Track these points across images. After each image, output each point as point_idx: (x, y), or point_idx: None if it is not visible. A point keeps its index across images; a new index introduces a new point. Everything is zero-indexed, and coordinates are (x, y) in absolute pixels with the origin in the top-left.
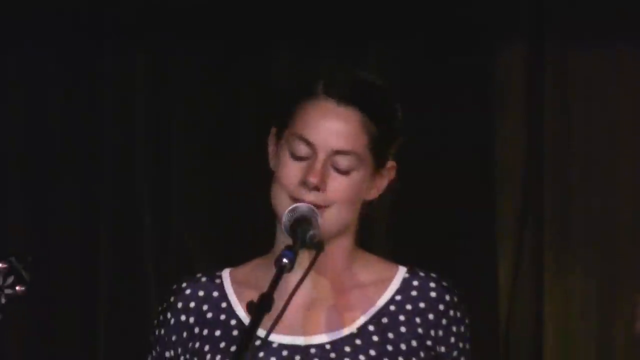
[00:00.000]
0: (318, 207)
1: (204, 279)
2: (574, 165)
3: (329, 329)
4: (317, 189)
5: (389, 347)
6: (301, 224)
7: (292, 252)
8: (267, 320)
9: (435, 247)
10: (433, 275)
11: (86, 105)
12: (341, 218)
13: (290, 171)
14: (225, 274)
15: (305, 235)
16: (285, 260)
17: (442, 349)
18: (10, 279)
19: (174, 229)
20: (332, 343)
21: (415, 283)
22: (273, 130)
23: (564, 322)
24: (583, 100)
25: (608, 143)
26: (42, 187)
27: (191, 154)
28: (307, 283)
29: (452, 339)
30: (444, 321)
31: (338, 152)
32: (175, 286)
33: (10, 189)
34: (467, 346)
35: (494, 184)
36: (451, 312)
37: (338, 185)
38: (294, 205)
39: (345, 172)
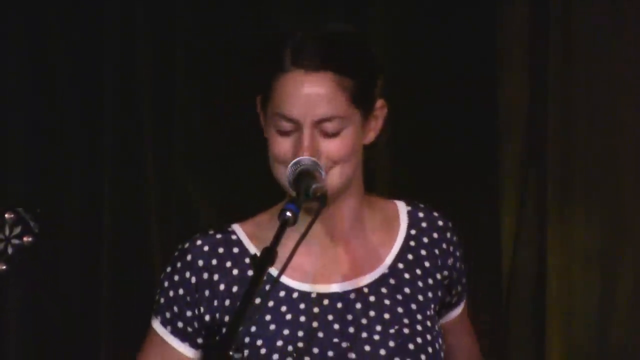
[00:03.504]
0: None
1: (218, 236)
2: (578, 119)
3: (362, 273)
4: (311, 157)
5: (420, 283)
6: (304, 178)
7: (295, 205)
8: (293, 272)
9: (437, 202)
10: (429, 206)
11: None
12: (344, 175)
13: (281, 147)
14: (238, 229)
15: (309, 188)
16: (288, 213)
17: (454, 274)
18: (18, 230)
19: (177, 182)
20: (368, 286)
21: (420, 215)
22: (258, 98)
23: (567, 274)
24: (587, 51)
25: (613, 96)
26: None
27: (195, 106)
28: (325, 236)
29: (458, 264)
30: (451, 248)
31: (321, 120)
32: (187, 244)
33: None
34: (464, 266)
35: (496, 137)
36: (455, 238)
37: (332, 149)
38: (297, 158)
39: (334, 134)
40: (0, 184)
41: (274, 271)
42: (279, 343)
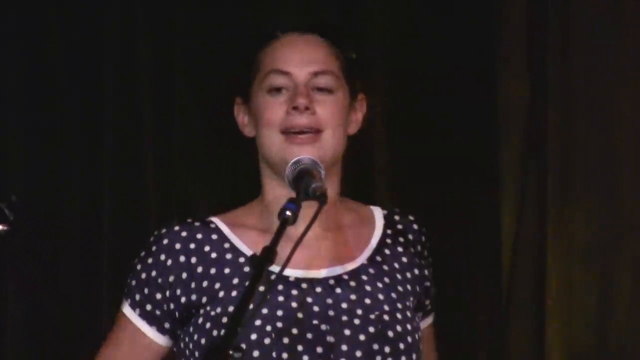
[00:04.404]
0: (313, 131)
1: (197, 223)
2: (578, 112)
3: (343, 261)
4: (307, 109)
5: (399, 276)
6: (304, 176)
7: (295, 204)
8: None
9: (436, 198)
10: (403, 211)
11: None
12: (335, 143)
13: (273, 106)
14: (216, 219)
15: (309, 187)
16: (288, 212)
17: (429, 275)
18: None
19: (177, 182)
20: (348, 274)
21: (396, 218)
22: (237, 100)
23: (567, 274)
24: (587, 44)
25: (612, 89)
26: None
27: (195, 106)
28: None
29: (428, 271)
30: (426, 252)
31: (316, 73)
32: (164, 230)
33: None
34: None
35: (495, 131)
36: (428, 244)
37: (326, 107)
38: (297, 157)
39: (329, 91)
40: (0, 183)
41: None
42: (257, 322)
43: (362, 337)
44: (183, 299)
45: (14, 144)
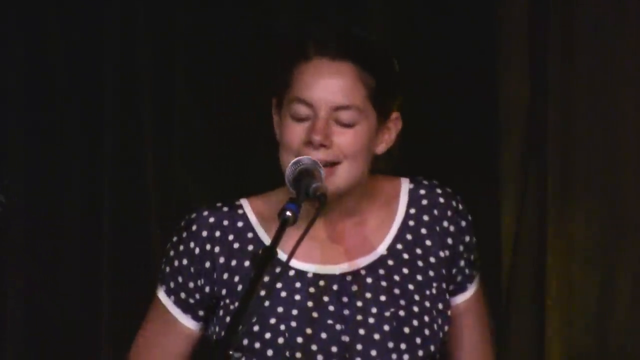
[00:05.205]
0: (328, 164)
1: (225, 208)
2: (578, 112)
3: (359, 255)
4: (322, 145)
5: (420, 263)
6: (304, 177)
7: (295, 205)
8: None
9: None
10: (435, 182)
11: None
12: (352, 174)
13: (293, 133)
14: (245, 204)
15: (309, 187)
16: (288, 213)
17: (458, 249)
18: None
19: (177, 182)
20: (365, 268)
21: (422, 192)
22: (273, 101)
23: (567, 274)
24: (588, 44)
25: (613, 89)
26: (44, 139)
27: (195, 106)
28: (324, 220)
29: (462, 237)
30: (452, 227)
31: (338, 108)
32: (194, 214)
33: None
34: (474, 240)
35: (496, 132)
36: (457, 216)
37: (344, 140)
38: (297, 158)
39: (349, 125)
40: (0, 183)
41: (282, 255)
42: (272, 320)
43: (376, 336)
44: (207, 289)
45: (14, 144)
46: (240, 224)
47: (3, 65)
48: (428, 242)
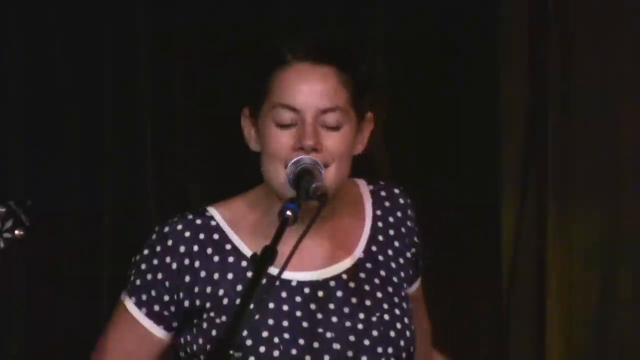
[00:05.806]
0: None
1: (198, 221)
2: (578, 115)
3: (339, 259)
4: (314, 150)
5: (392, 264)
6: (305, 177)
7: (295, 204)
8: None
9: (437, 199)
10: (389, 182)
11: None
12: (340, 174)
13: (279, 140)
14: (215, 213)
15: (309, 187)
16: (288, 212)
17: (419, 249)
18: (9, 223)
19: (177, 182)
20: (346, 272)
21: (383, 193)
22: (245, 111)
23: (567, 274)
24: (588, 46)
25: (613, 91)
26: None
27: (195, 106)
28: (302, 226)
29: (417, 238)
30: (410, 223)
31: (324, 111)
32: (167, 228)
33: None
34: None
35: (497, 133)
36: (413, 215)
37: (333, 143)
38: (298, 157)
39: (335, 128)
40: (0, 183)
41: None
42: (265, 334)
43: (367, 342)
44: (186, 303)
45: (14, 144)
46: (216, 236)
47: (3, 65)
48: (396, 243)
